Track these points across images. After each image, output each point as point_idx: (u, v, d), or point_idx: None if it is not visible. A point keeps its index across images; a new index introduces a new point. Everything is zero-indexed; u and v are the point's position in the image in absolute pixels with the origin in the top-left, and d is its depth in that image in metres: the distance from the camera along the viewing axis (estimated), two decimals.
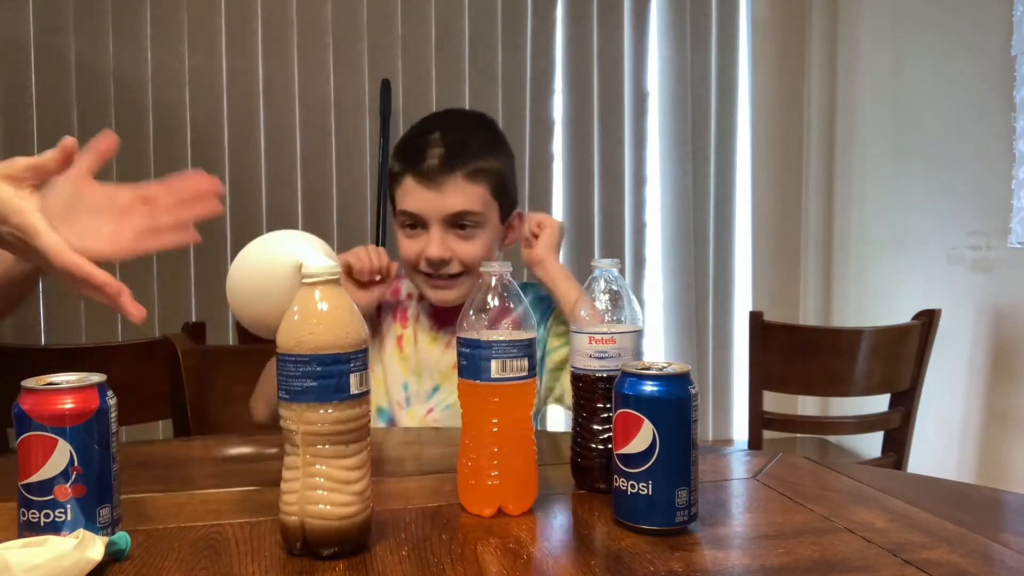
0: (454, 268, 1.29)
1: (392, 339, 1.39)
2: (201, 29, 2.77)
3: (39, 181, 0.81)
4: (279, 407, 0.72)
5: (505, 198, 1.33)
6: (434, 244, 1.27)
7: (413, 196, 1.29)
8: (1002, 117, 2.41)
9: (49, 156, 0.81)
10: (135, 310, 0.81)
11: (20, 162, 0.80)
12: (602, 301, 0.89)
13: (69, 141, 0.81)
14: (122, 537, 0.71)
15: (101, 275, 0.80)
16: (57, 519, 0.70)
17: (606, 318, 0.89)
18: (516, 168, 1.40)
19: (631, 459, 0.76)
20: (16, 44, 2.65)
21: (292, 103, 2.84)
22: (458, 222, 1.29)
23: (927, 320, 1.95)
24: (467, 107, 2.98)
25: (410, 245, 1.31)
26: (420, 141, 1.31)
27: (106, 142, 0.83)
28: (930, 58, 2.77)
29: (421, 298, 1.39)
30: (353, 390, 0.71)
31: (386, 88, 2.84)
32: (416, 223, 1.30)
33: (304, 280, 0.72)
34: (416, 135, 1.35)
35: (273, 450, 1.08)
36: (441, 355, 1.36)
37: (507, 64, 3.00)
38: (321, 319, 0.71)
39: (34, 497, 0.70)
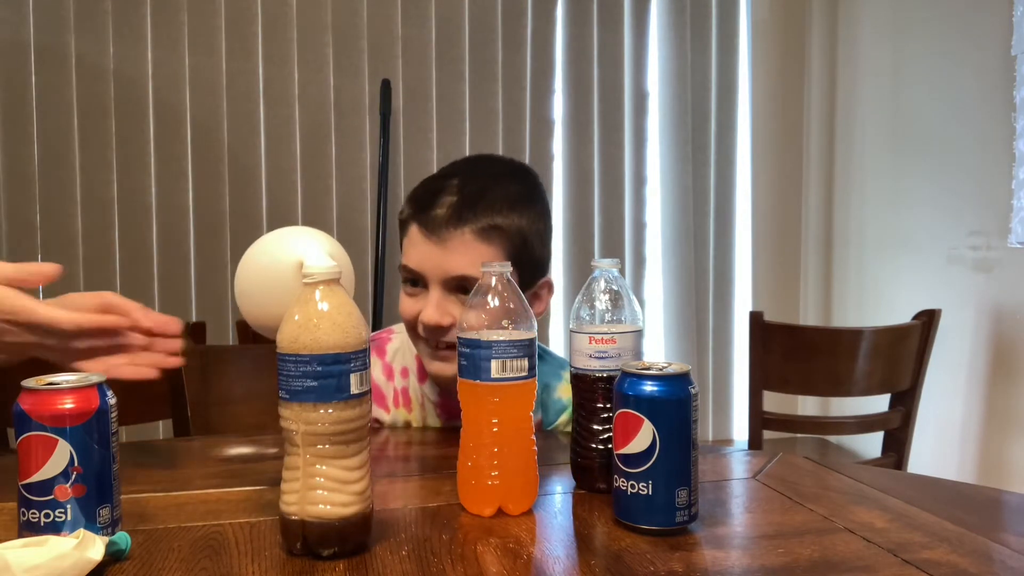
0: (453, 337, 0.94)
1: (400, 425, 1.28)
2: (201, 29, 2.77)
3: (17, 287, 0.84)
4: (279, 407, 0.72)
5: (526, 263, 1.13)
6: (430, 307, 1.09)
7: (415, 249, 1.12)
8: (1002, 117, 2.41)
9: (32, 272, 0.84)
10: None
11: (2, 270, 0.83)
12: (602, 301, 0.89)
13: (55, 269, 0.84)
14: (122, 537, 0.71)
15: (109, 319, 0.83)
16: (57, 519, 0.70)
17: (606, 318, 0.89)
18: (547, 227, 1.19)
19: (631, 459, 0.76)
20: (16, 44, 2.65)
21: (292, 103, 2.84)
22: (461, 285, 1.10)
23: (927, 320, 1.95)
24: (467, 108, 2.98)
25: (408, 304, 1.14)
26: (434, 186, 1.13)
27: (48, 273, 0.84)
28: (930, 58, 2.77)
29: (422, 379, 1.25)
30: (353, 390, 0.71)
31: (386, 88, 2.84)
32: (416, 280, 1.13)
33: (304, 280, 0.72)
34: (436, 178, 1.18)
35: (273, 450, 1.08)
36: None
37: (507, 64, 3.00)
38: (321, 319, 0.71)
39: (34, 497, 0.70)
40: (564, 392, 1.26)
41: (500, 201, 1.12)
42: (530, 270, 1.14)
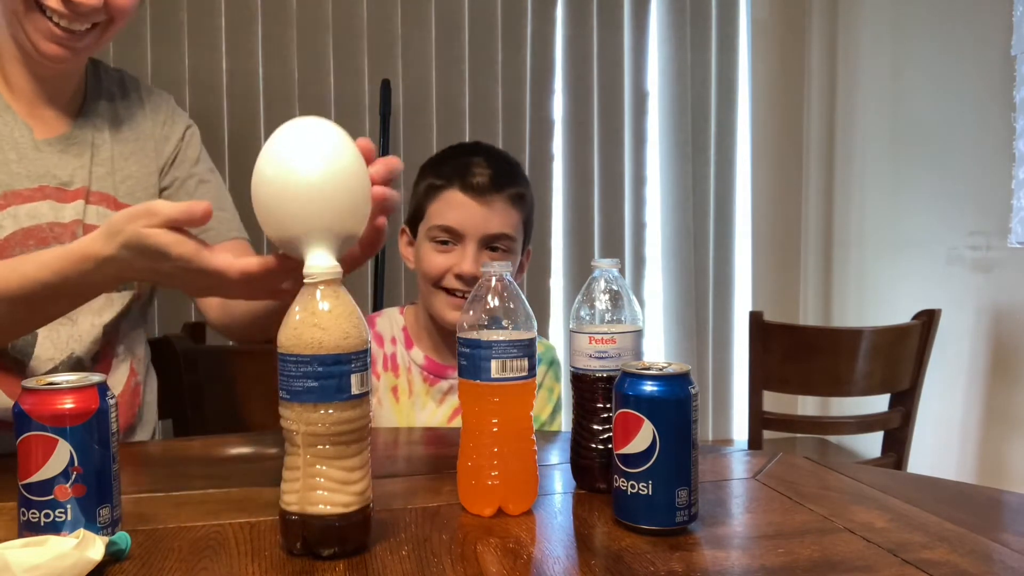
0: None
1: (387, 389, 1.37)
2: (201, 29, 2.77)
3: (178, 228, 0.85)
4: (280, 407, 0.72)
5: (528, 232, 1.37)
6: (469, 260, 1.27)
7: (458, 209, 1.29)
8: (1002, 117, 2.41)
9: (191, 214, 0.83)
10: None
11: (163, 212, 0.82)
12: (602, 301, 0.89)
13: (206, 209, 0.83)
14: (122, 537, 0.71)
15: (273, 260, 0.82)
16: (57, 519, 0.70)
17: (606, 318, 0.89)
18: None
19: (631, 459, 0.76)
20: None
21: (292, 103, 2.84)
22: (492, 244, 1.30)
23: (927, 320, 1.95)
24: (467, 108, 2.98)
25: (440, 259, 1.30)
26: (465, 160, 1.32)
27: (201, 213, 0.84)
28: (930, 58, 2.77)
29: (409, 345, 1.39)
30: (354, 390, 0.71)
31: (386, 88, 2.84)
32: (451, 238, 1.30)
33: (305, 280, 0.72)
34: (457, 155, 1.36)
35: (273, 450, 1.08)
36: (436, 410, 1.36)
37: (507, 64, 3.00)
38: (322, 319, 0.70)
39: (34, 497, 0.70)
40: (538, 347, 1.35)
41: (518, 176, 1.36)
42: (528, 236, 1.38)
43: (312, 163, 0.74)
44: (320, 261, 0.73)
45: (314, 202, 0.73)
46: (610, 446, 0.81)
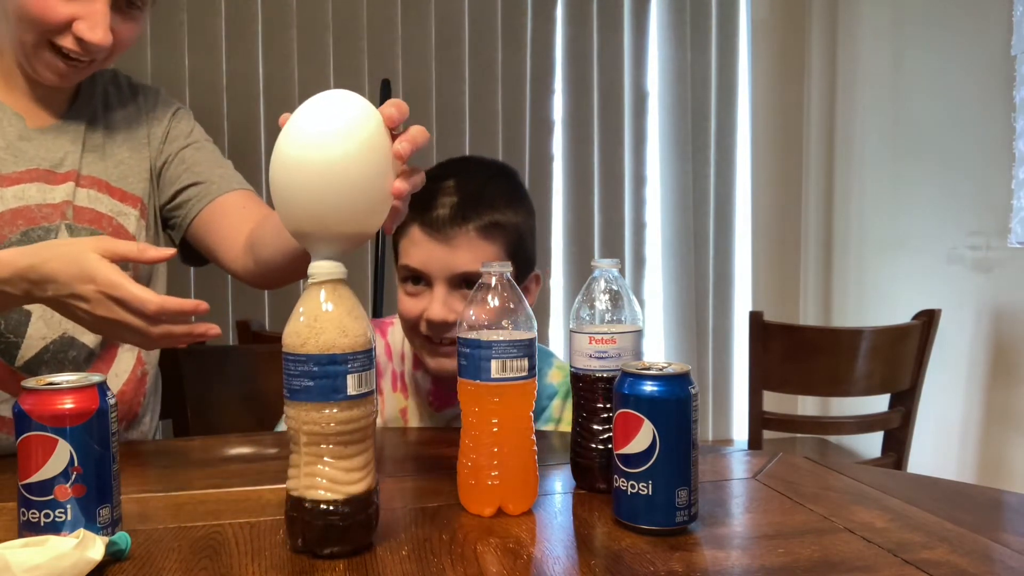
0: (455, 334, 1.06)
1: (395, 411, 1.28)
2: (201, 29, 2.77)
3: (119, 262, 0.91)
4: (285, 406, 0.72)
5: (521, 258, 1.18)
6: (437, 305, 1.12)
7: (418, 248, 1.14)
8: (1002, 117, 2.41)
9: (143, 253, 0.92)
10: (213, 331, 0.91)
11: (116, 245, 0.91)
12: (602, 301, 0.89)
13: (169, 253, 0.94)
14: (122, 537, 0.71)
15: (190, 302, 0.89)
16: (57, 519, 0.70)
17: (606, 318, 0.89)
18: (535, 223, 1.24)
19: (631, 459, 0.76)
20: None
21: (292, 103, 2.83)
22: (465, 281, 1.14)
23: (927, 320, 1.95)
24: (467, 109, 2.98)
25: (410, 304, 1.16)
26: (433, 187, 1.12)
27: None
28: (930, 58, 2.78)
29: (417, 366, 1.26)
30: (351, 391, 0.71)
31: (386, 88, 2.84)
32: (419, 279, 1.16)
33: (309, 280, 0.72)
34: (430, 180, 1.15)
35: (273, 450, 1.08)
36: None
37: (507, 64, 3.00)
38: (319, 319, 0.71)
39: (34, 497, 0.70)
40: (554, 377, 1.28)
41: (498, 199, 1.16)
42: (524, 265, 1.19)
43: (326, 165, 0.74)
44: (324, 261, 0.73)
45: (325, 202, 0.73)
46: (610, 446, 0.81)
